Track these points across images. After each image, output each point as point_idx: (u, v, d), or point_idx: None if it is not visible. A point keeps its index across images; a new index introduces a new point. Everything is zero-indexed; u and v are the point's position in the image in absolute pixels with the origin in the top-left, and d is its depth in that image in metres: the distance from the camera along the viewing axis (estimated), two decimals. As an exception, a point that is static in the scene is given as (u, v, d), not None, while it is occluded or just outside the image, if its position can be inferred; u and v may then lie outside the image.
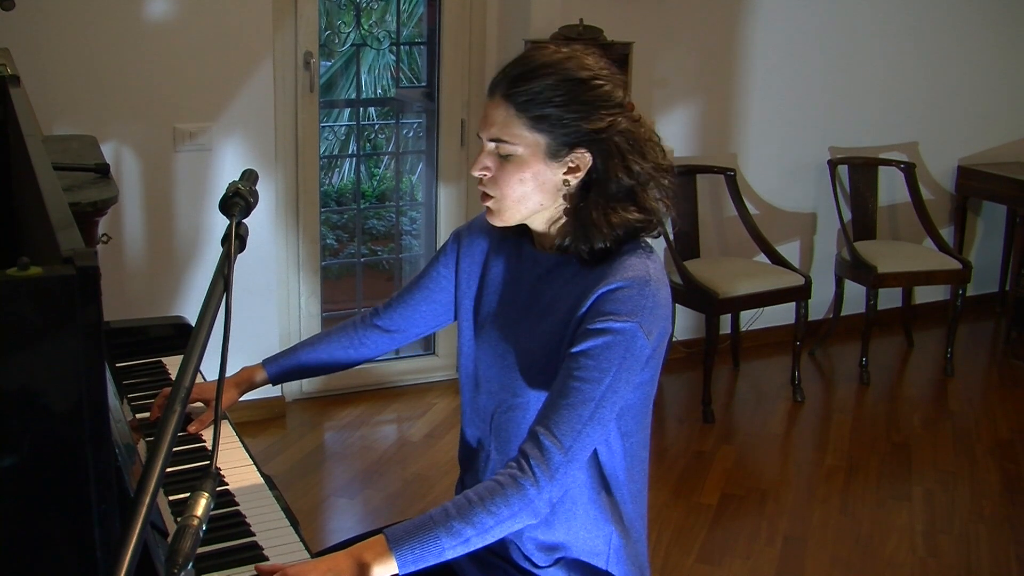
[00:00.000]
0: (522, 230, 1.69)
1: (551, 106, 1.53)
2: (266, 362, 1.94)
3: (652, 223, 1.60)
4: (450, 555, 1.46)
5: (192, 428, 1.88)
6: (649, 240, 1.64)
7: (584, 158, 1.56)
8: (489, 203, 1.61)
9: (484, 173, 1.58)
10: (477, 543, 1.47)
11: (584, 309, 1.54)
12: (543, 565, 1.67)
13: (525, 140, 1.54)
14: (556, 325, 1.59)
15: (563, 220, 1.61)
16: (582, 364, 1.50)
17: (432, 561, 1.45)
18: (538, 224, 1.64)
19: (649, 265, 1.56)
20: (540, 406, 1.57)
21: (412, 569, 1.45)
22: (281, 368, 1.94)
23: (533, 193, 1.57)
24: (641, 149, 1.58)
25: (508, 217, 1.61)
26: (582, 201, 1.57)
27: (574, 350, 1.52)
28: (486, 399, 1.71)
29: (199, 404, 1.94)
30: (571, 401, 1.49)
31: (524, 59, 1.58)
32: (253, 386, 1.93)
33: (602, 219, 1.55)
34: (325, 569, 1.42)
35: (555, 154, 1.55)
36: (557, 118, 1.53)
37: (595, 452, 1.61)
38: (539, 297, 1.65)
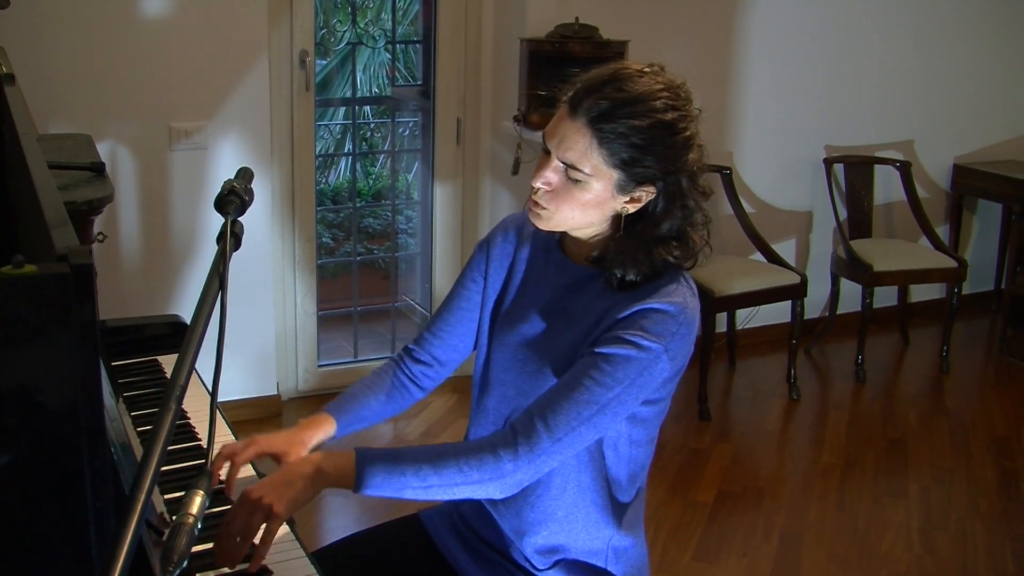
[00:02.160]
0: (551, 234, 1.69)
1: (634, 148, 1.50)
2: (332, 411, 1.76)
3: (685, 262, 1.59)
4: (409, 495, 1.46)
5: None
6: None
7: (649, 192, 1.55)
8: (540, 211, 1.57)
9: (546, 186, 1.55)
10: (438, 494, 1.47)
11: (621, 316, 1.53)
12: (542, 568, 1.67)
13: (599, 172, 1.51)
14: (582, 335, 1.58)
15: (603, 235, 1.60)
16: (599, 367, 1.50)
17: (390, 494, 1.46)
18: (576, 233, 1.62)
19: (688, 297, 1.56)
20: None
21: (369, 493, 1.45)
22: (350, 419, 1.77)
23: (589, 214, 1.56)
24: (699, 182, 1.57)
25: (553, 227, 1.59)
26: (630, 229, 1.56)
27: (597, 350, 1.52)
28: (496, 402, 1.69)
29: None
30: (576, 397, 1.49)
31: (615, 87, 1.51)
32: (318, 439, 1.74)
33: (644, 254, 1.54)
34: (278, 482, 1.43)
35: (623, 188, 1.53)
36: (637, 159, 1.50)
37: (602, 456, 1.62)
38: (565, 306, 1.63)
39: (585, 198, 1.53)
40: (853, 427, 4.03)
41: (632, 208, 1.56)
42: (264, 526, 1.40)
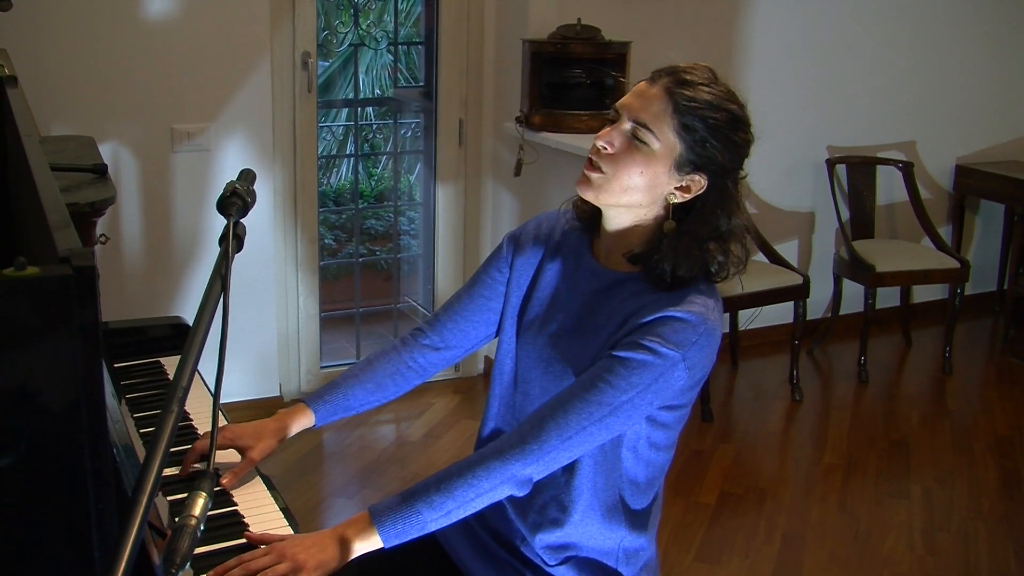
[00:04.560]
0: (582, 239, 1.70)
1: (704, 124, 1.54)
2: (310, 403, 1.77)
3: (721, 272, 1.61)
4: (433, 527, 1.49)
5: (224, 482, 1.67)
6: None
7: (700, 184, 1.57)
8: (594, 175, 1.57)
9: (608, 147, 1.56)
10: (460, 514, 1.50)
11: (642, 321, 1.53)
12: (552, 563, 1.68)
13: (666, 139, 1.54)
14: (606, 338, 1.59)
15: (645, 227, 1.60)
16: (615, 370, 1.51)
17: (416, 534, 1.49)
18: (617, 222, 1.62)
19: (711, 306, 1.56)
20: None
21: (397, 543, 1.48)
22: (331, 409, 1.77)
23: (640, 189, 1.56)
24: (741, 197, 1.62)
25: (604, 198, 1.59)
26: (679, 225, 1.58)
27: (615, 353, 1.52)
28: (522, 399, 1.71)
29: (234, 455, 1.74)
30: (590, 398, 1.51)
31: (698, 71, 1.58)
32: (292, 431, 1.77)
33: (695, 248, 1.56)
34: (310, 544, 1.47)
35: (680, 167, 1.55)
36: (702, 138, 1.54)
37: (619, 458, 1.62)
38: (594, 312, 1.63)
39: (643, 168, 1.55)
40: (855, 428, 4.03)
41: (680, 197, 1.57)
42: None
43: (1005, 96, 5.27)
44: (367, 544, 1.49)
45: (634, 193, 1.56)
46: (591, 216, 1.69)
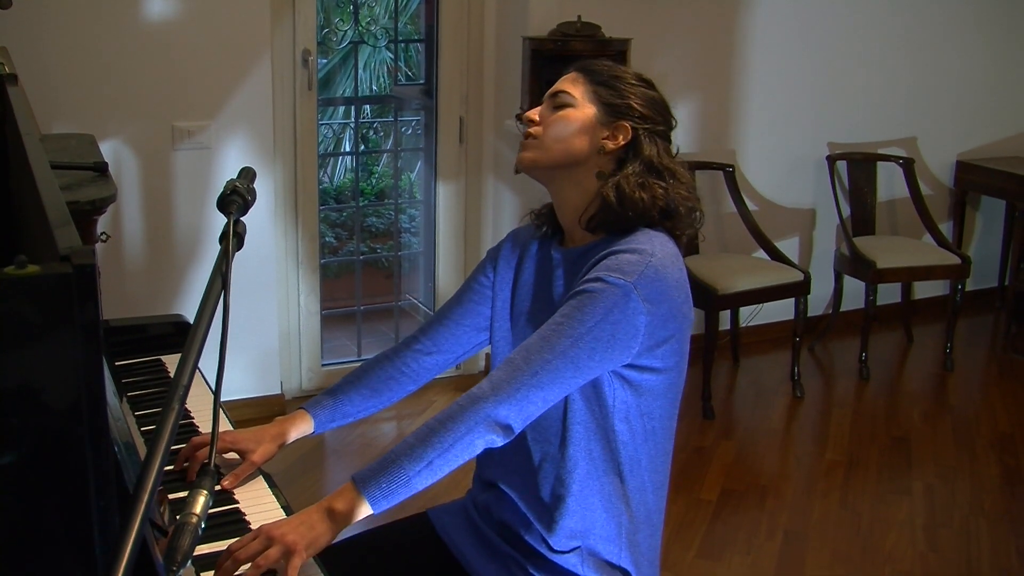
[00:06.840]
0: (552, 239, 1.78)
1: (616, 79, 1.69)
2: (309, 409, 1.80)
3: (677, 208, 1.66)
4: (418, 483, 1.49)
5: (226, 483, 1.68)
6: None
7: (626, 130, 1.66)
8: (528, 142, 1.71)
9: (534, 118, 1.72)
10: (441, 465, 1.49)
11: (593, 261, 1.61)
12: (559, 550, 1.68)
13: (584, 97, 1.69)
14: None
15: (591, 195, 1.67)
16: (572, 304, 1.56)
17: (403, 494, 1.48)
18: (566, 199, 1.70)
19: (655, 244, 1.61)
20: (577, 401, 1.62)
21: (386, 506, 1.48)
22: (330, 416, 1.80)
23: (572, 139, 1.67)
24: (676, 164, 1.69)
25: (542, 160, 1.69)
26: (617, 171, 1.66)
27: (569, 293, 1.59)
28: None
29: (234, 456, 1.74)
30: (552, 333, 1.55)
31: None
32: (292, 437, 1.78)
33: (636, 188, 1.63)
34: (298, 523, 1.47)
35: (604, 119, 1.67)
36: (617, 92, 1.67)
37: (615, 429, 1.63)
38: (570, 290, 1.67)
39: (567, 123, 1.67)
40: (857, 425, 4.03)
41: (611, 144, 1.66)
42: (283, 563, 1.43)
43: (1006, 92, 5.27)
44: (356, 513, 1.48)
45: (567, 145, 1.67)
46: (548, 218, 1.78)
